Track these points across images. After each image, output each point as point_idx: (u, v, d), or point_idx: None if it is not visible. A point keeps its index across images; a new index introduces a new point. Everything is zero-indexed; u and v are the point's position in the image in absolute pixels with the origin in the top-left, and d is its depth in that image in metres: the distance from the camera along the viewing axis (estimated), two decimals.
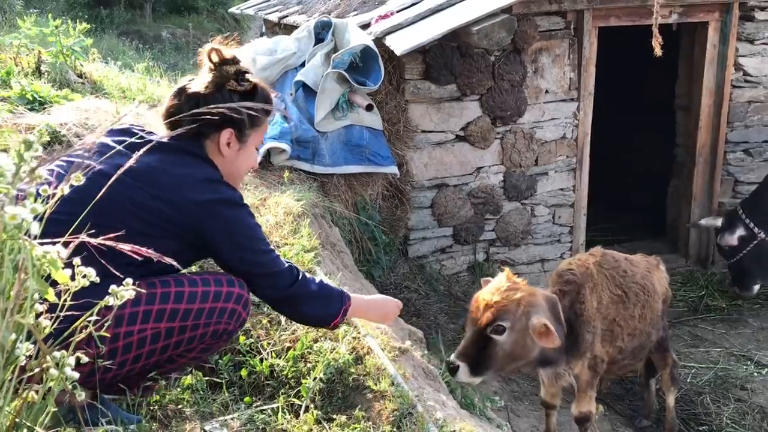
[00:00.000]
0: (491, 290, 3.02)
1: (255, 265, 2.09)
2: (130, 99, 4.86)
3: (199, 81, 2.15)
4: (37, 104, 4.26)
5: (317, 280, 2.24)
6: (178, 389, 2.29)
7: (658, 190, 6.84)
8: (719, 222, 5.57)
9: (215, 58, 2.14)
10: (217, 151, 2.16)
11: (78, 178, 1.25)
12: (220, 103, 2.03)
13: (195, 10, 18.19)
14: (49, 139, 3.64)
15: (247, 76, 2.17)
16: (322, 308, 2.22)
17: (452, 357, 2.98)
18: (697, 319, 5.70)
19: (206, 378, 2.36)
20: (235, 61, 2.16)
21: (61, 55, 4.94)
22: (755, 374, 4.85)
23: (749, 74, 5.97)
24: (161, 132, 2.16)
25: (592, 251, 3.69)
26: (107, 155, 1.87)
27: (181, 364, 2.14)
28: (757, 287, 5.60)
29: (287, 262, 2.17)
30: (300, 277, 2.17)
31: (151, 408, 2.16)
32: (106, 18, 15.60)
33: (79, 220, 1.59)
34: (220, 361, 2.47)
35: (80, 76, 5.11)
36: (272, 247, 2.18)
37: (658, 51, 3.58)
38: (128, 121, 2.42)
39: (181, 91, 2.15)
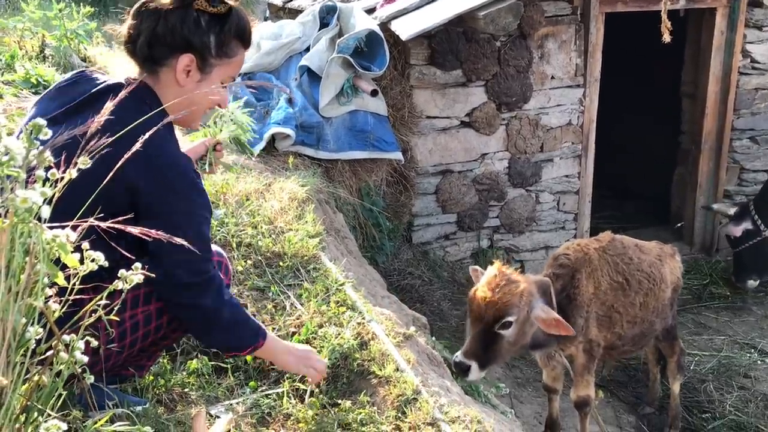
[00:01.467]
0: (490, 286, 2.95)
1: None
2: None
3: None
4: (41, 88, 4.24)
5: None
6: (184, 373, 2.30)
7: (663, 177, 6.81)
8: (732, 211, 5.58)
9: None
10: (173, 80, 1.85)
11: (85, 162, 1.24)
12: (183, 24, 1.78)
13: None
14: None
15: None
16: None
17: (460, 357, 2.91)
18: (701, 307, 5.70)
19: (212, 363, 2.38)
20: None
21: (65, 38, 4.91)
22: (759, 362, 4.86)
23: (757, 61, 5.92)
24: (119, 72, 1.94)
25: (600, 236, 3.66)
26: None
27: (175, 338, 2.13)
28: (753, 283, 5.63)
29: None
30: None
31: (157, 392, 2.17)
32: (110, 1, 15.52)
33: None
34: None
35: (84, 60, 5.09)
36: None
37: (666, 37, 3.54)
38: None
39: (142, 8, 1.82)
